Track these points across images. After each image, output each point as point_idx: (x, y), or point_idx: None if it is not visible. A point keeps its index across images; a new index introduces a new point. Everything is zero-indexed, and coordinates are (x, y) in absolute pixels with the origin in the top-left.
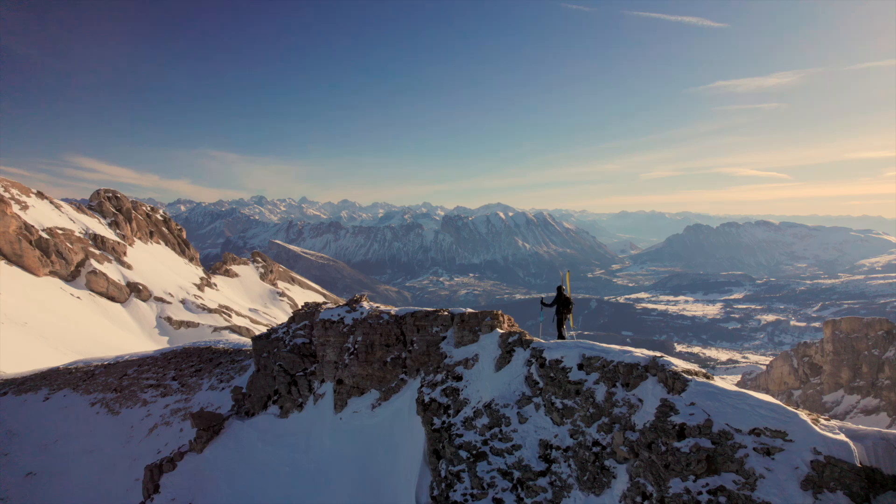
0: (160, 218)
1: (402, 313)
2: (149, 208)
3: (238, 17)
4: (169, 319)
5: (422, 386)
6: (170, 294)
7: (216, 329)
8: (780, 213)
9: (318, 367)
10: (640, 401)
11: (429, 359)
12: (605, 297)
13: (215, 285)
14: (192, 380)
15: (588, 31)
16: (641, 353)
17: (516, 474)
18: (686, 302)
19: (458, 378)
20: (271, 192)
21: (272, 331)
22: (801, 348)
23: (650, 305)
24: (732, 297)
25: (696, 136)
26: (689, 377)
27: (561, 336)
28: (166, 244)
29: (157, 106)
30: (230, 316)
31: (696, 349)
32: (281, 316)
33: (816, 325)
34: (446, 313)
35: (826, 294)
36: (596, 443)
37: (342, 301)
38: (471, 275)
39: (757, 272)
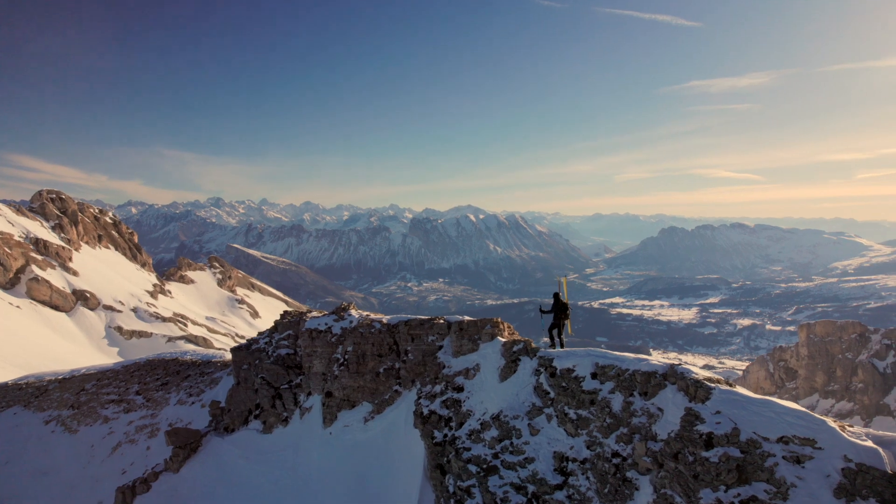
0: (109, 221)
1: (395, 321)
2: (97, 210)
3: (192, 9)
4: (119, 329)
5: (419, 398)
6: (120, 302)
7: (171, 339)
8: (754, 216)
9: (305, 380)
10: (661, 410)
11: (425, 369)
12: (579, 303)
13: (169, 292)
14: (159, 394)
15: (559, 28)
16: (658, 360)
17: (531, 488)
18: (661, 306)
19: (459, 389)
20: (229, 194)
21: (252, 341)
22: (776, 353)
23: (625, 310)
24: (708, 301)
25: (670, 137)
26: (713, 385)
27: (560, 343)
28: (116, 249)
29: (106, 101)
30: (186, 325)
31: (672, 355)
32: (240, 324)
33: (791, 328)
34: (442, 321)
35: (800, 297)
36: (616, 454)
37: (305, 308)
38: (440, 280)
39: (732, 275)
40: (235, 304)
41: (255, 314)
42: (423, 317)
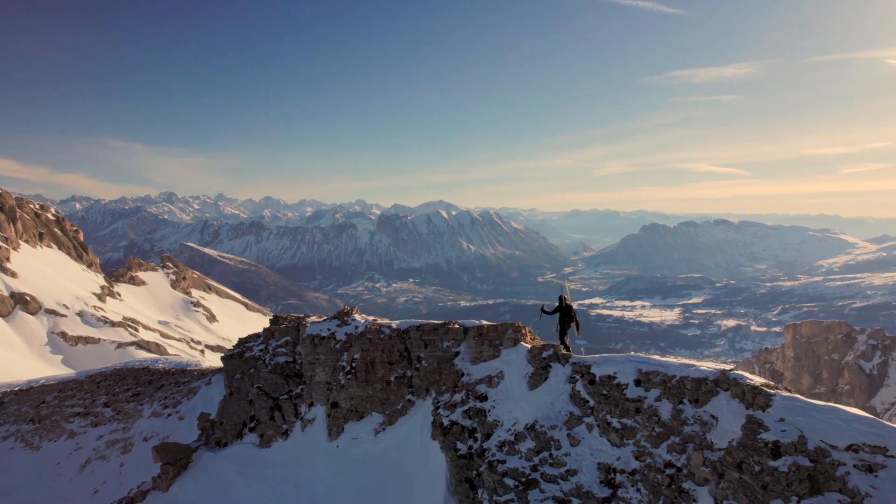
0: (52, 217)
1: (405, 327)
2: (37, 206)
3: None
4: (63, 335)
5: (437, 408)
6: (64, 306)
7: (120, 345)
8: (738, 212)
9: (306, 389)
10: (714, 418)
11: (440, 377)
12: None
13: (119, 295)
14: (130, 406)
15: (535, 14)
16: (706, 366)
17: (576, 502)
18: (643, 307)
19: (482, 398)
20: (183, 189)
21: (245, 348)
22: (762, 355)
23: (605, 311)
24: (691, 301)
25: (653, 129)
26: (772, 391)
27: (566, 347)
28: (59, 248)
29: (45, 87)
30: (137, 330)
31: (654, 358)
32: (196, 329)
33: (777, 329)
34: (458, 326)
35: (786, 297)
36: (668, 464)
37: (267, 311)
38: (410, 280)
39: (716, 274)
40: (191, 307)
41: (211, 318)
42: (436, 321)
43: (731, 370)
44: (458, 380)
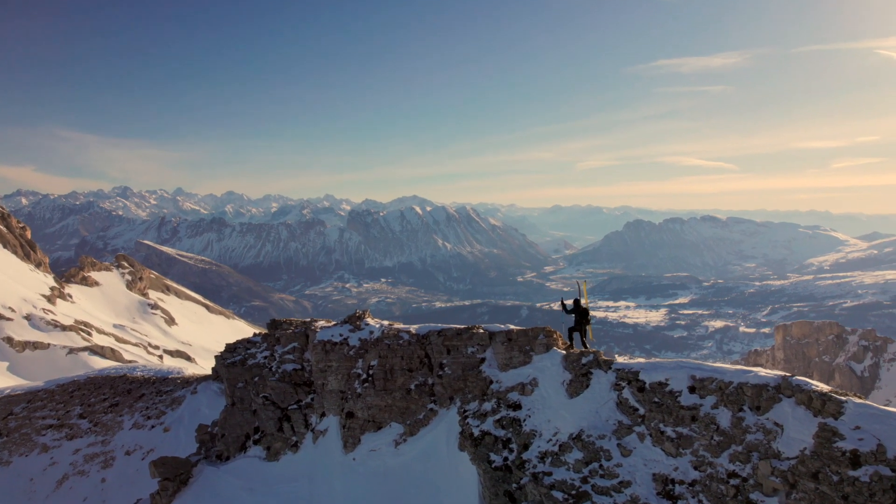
0: None
1: (425, 331)
2: None
3: None
4: (9, 340)
5: (465, 417)
6: (10, 308)
7: (73, 351)
8: (726, 208)
9: (317, 399)
10: (778, 426)
11: (466, 384)
12: (538, 304)
13: (70, 297)
14: (108, 417)
15: None
16: (765, 372)
17: None
18: (627, 308)
19: (516, 406)
20: (139, 182)
21: (247, 354)
22: (751, 357)
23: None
24: (678, 301)
25: (638, 121)
26: (844, 398)
27: (583, 346)
28: (5, 246)
29: None
30: (90, 334)
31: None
32: (153, 333)
33: (766, 330)
34: (483, 331)
35: (775, 297)
36: (732, 474)
37: (229, 313)
38: (383, 280)
39: (703, 273)
40: (148, 310)
41: (170, 321)
42: (458, 326)
43: (792, 376)
44: (486, 387)
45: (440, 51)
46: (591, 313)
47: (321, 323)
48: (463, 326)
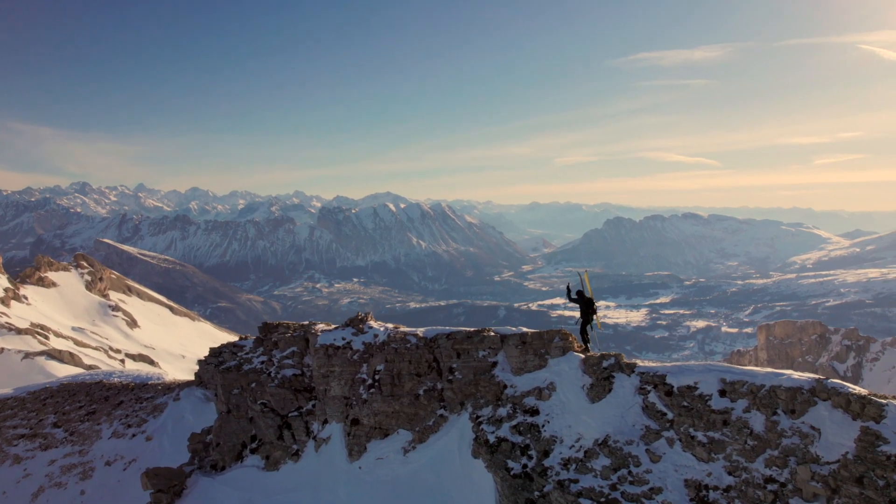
0: None
1: (432, 335)
2: None
3: None
4: None
5: (479, 423)
6: None
7: (28, 355)
8: (708, 205)
9: (319, 405)
10: (815, 429)
11: (477, 389)
12: (516, 305)
13: (25, 298)
14: (85, 425)
15: None
16: (798, 375)
17: None
18: (607, 308)
19: (533, 412)
20: (98, 178)
21: (242, 359)
22: (734, 357)
23: (567, 313)
24: (659, 301)
25: (618, 115)
26: (884, 401)
27: (587, 341)
28: None
29: None
30: (47, 337)
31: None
32: (115, 336)
33: (749, 330)
34: (493, 333)
35: (758, 296)
36: (770, 479)
37: (194, 315)
38: (355, 280)
39: (685, 272)
40: (109, 312)
41: (132, 323)
42: (468, 329)
43: (826, 378)
44: (500, 392)
45: (413, 42)
46: (570, 314)
47: (321, 326)
48: (473, 329)
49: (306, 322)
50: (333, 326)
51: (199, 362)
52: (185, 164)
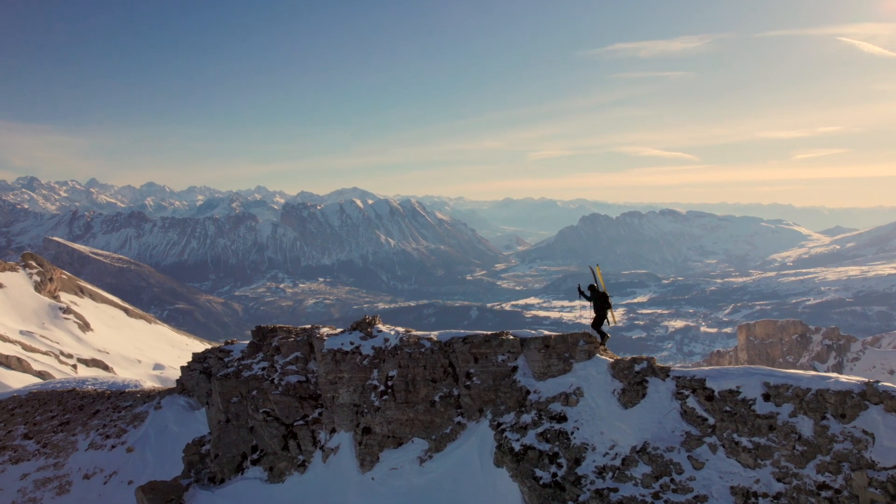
0: None
1: (447, 338)
2: None
3: None
4: None
5: (502, 430)
6: None
7: None
8: (686, 201)
9: (326, 413)
10: (868, 434)
11: (497, 395)
12: (488, 305)
13: None
14: (59, 437)
15: None
16: (846, 378)
17: None
18: (584, 307)
19: (560, 418)
20: (47, 172)
21: (241, 365)
22: (713, 358)
23: (542, 313)
24: (636, 300)
25: (594, 108)
26: None
27: (602, 336)
28: None
29: None
30: None
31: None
32: (66, 340)
33: (728, 330)
34: (512, 337)
35: (737, 294)
36: (823, 485)
37: (151, 317)
38: (320, 279)
39: (663, 270)
40: (59, 314)
41: (85, 326)
42: (485, 332)
43: (877, 381)
44: (522, 398)
45: (381, 31)
46: (545, 314)
47: (325, 330)
48: (490, 333)
49: (308, 325)
50: (339, 330)
51: (183, 368)
52: (140, 157)
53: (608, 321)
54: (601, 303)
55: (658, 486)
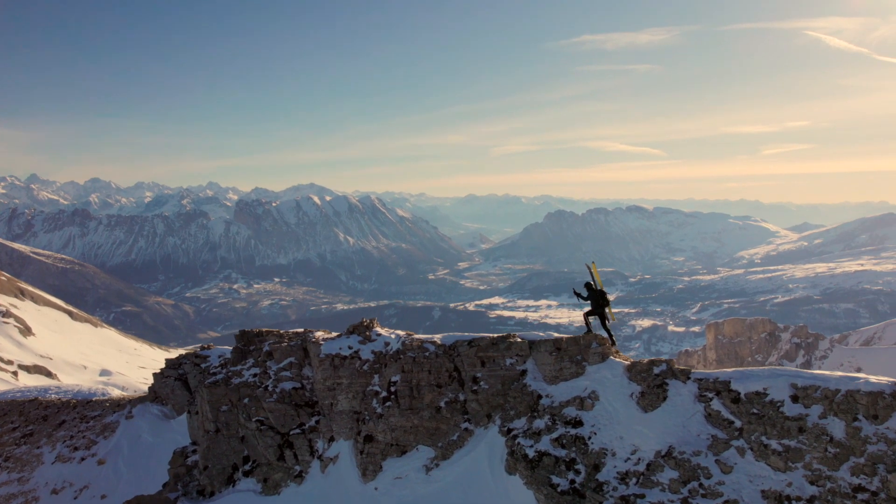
0: None
1: (451, 341)
2: None
3: None
4: None
5: (513, 436)
6: None
7: None
8: (653, 197)
9: (324, 421)
10: None
11: (506, 400)
12: (451, 305)
13: None
14: (22, 449)
15: None
16: (875, 379)
17: None
18: (549, 307)
19: (576, 423)
20: None
21: (230, 372)
22: (682, 357)
23: (506, 313)
24: None
25: (559, 102)
26: None
27: (611, 336)
28: None
29: None
30: None
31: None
32: (6, 345)
33: (696, 329)
34: (521, 339)
35: (705, 293)
36: (859, 488)
37: (97, 321)
38: (276, 279)
39: (630, 268)
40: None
41: (26, 330)
42: (492, 335)
43: None
44: (534, 403)
45: (339, 20)
46: (509, 314)
47: (320, 334)
48: (497, 335)
49: (301, 329)
50: (335, 334)
51: (155, 375)
52: (84, 152)
53: (608, 318)
54: (599, 300)
55: (687, 492)
